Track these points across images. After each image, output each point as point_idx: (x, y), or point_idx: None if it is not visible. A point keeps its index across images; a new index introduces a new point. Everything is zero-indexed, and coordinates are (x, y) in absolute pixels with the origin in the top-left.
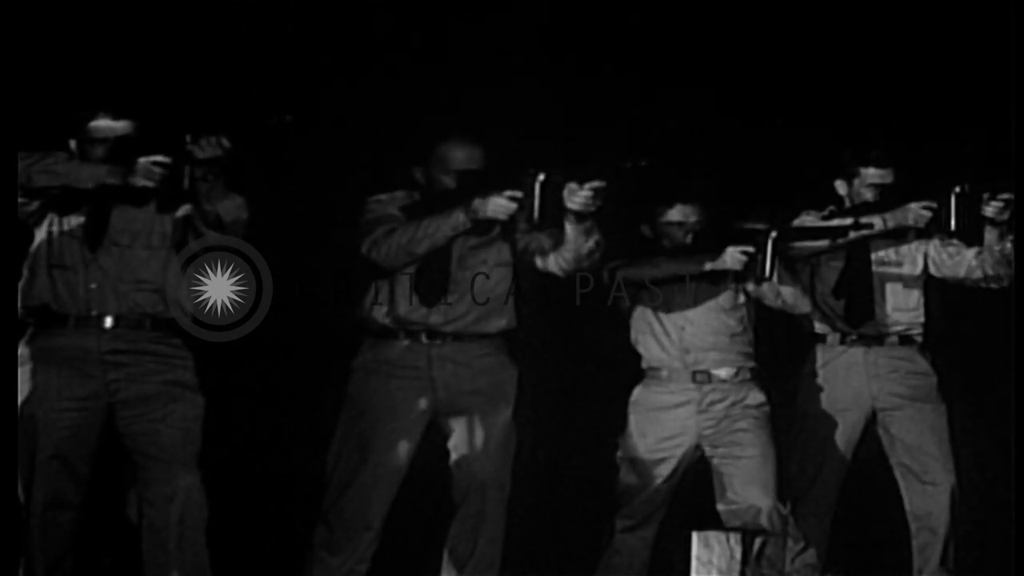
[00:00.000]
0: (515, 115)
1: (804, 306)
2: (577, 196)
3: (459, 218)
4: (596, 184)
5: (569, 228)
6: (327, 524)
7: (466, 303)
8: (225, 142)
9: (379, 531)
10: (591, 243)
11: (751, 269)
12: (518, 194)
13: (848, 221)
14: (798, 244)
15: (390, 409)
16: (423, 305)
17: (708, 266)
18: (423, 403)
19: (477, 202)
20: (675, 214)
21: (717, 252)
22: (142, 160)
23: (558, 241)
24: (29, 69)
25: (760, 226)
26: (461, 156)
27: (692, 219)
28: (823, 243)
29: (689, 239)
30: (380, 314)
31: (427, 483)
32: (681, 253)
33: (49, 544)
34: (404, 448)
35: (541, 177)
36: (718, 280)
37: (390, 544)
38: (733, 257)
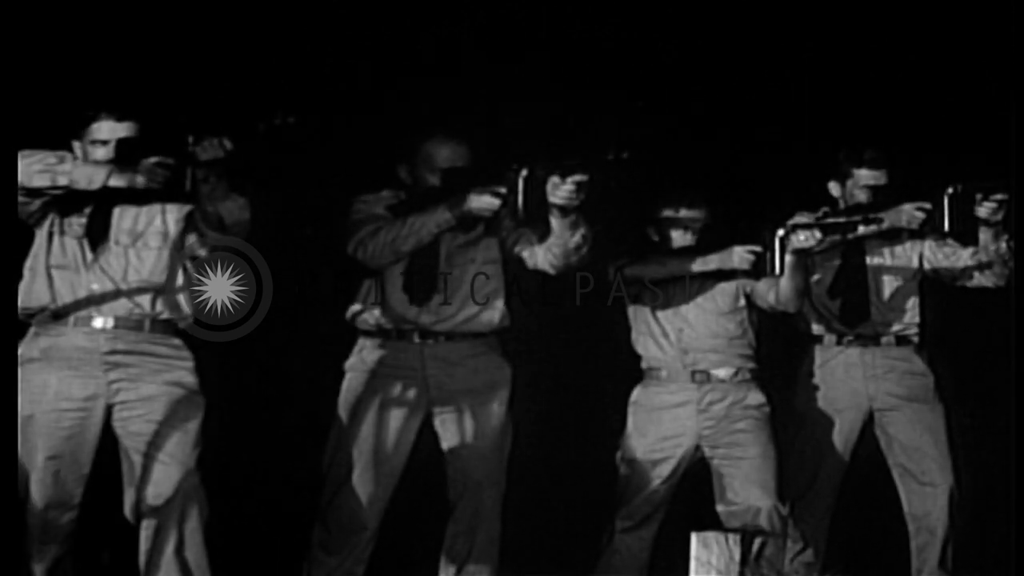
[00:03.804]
0: (500, 112)
1: (792, 306)
2: (560, 190)
3: (444, 215)
4: (578, 178)
5: (554, 223)
6: (324, 524)
7: (457, 302)
8: (227, 144)
9: (375, 531)
10: (577, 237)
11: (758, 268)
12: (502, 190)
13: (857, 217)
14: (803, 237)
15: (383, 409)
16: (414, 304)
17: (715, 265)
18: (416, 402)
19: (469, 198)
20: (678, 214)
21: (723, 251)
22: (145, 161)
23: (544, 237)
24: (32, 69)
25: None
26: (446, 154)
27: (695, 218)
28: (835, 237)
29: (693, 239)
30: (372, 314)
31: (423, 482)
32: (686, 253)
33: (49, 544)
34: (399, 448)
35: (524, 172)
36: (721, 280)
37: (387, 544)
38: (740, 257)
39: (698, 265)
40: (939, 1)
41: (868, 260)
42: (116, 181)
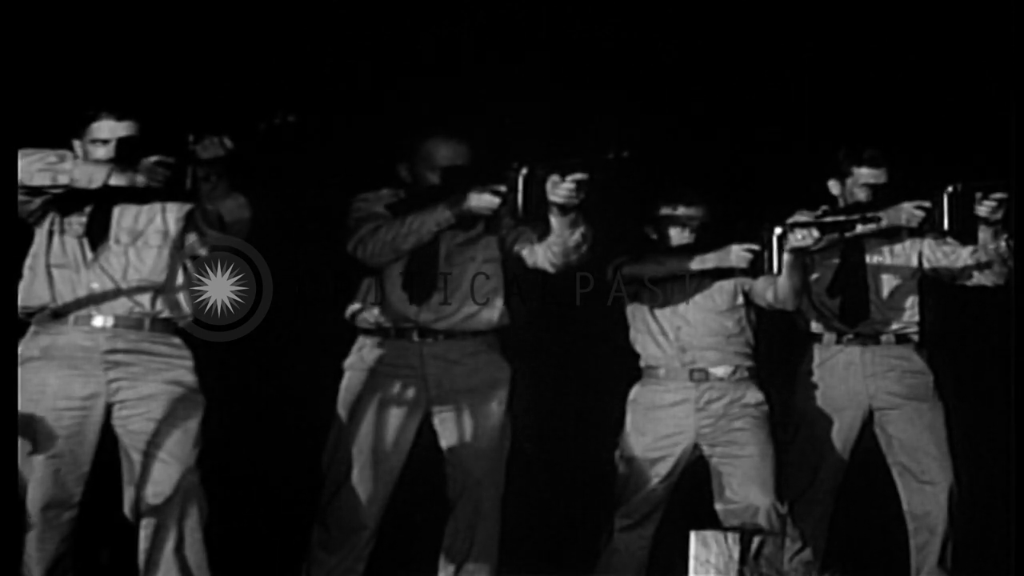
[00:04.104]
0: (500, 111)
1: (790, 304)
2: (560, 189)
3: (443, 214)
4: (578, 176)
5: (554, 221)
6: (324, 523)
7: (457, 300)
8: (228, 142)
9: (375, 530)
10: (577, 235)
11: (756, 266)
12: (502, 188)
13: (855, 216)
14: (801, 236)
15: (383, 408)
16: (413, 303)
17: (713, 264)
18: (416, 401)
19: (469, 197)
20: (677, 212)
21: (721, 250)
22: (145, 160)
23: (544, 235)
24: (32, 69)
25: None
26: (446, 152)
27: (694, 216)
28: (833, 236)
29: (691, 237)
30: (371, 313)
31: (422, 481)
32: (685, 251)
33: (48, 543)
34: (398, 446)
35: (524, 171)
36: (718, 279)
37: (386, 542)
38: (738, 255)
39: (696, 263)
40: (939, 1)
41: (868, 259)
42: (116, 180)
